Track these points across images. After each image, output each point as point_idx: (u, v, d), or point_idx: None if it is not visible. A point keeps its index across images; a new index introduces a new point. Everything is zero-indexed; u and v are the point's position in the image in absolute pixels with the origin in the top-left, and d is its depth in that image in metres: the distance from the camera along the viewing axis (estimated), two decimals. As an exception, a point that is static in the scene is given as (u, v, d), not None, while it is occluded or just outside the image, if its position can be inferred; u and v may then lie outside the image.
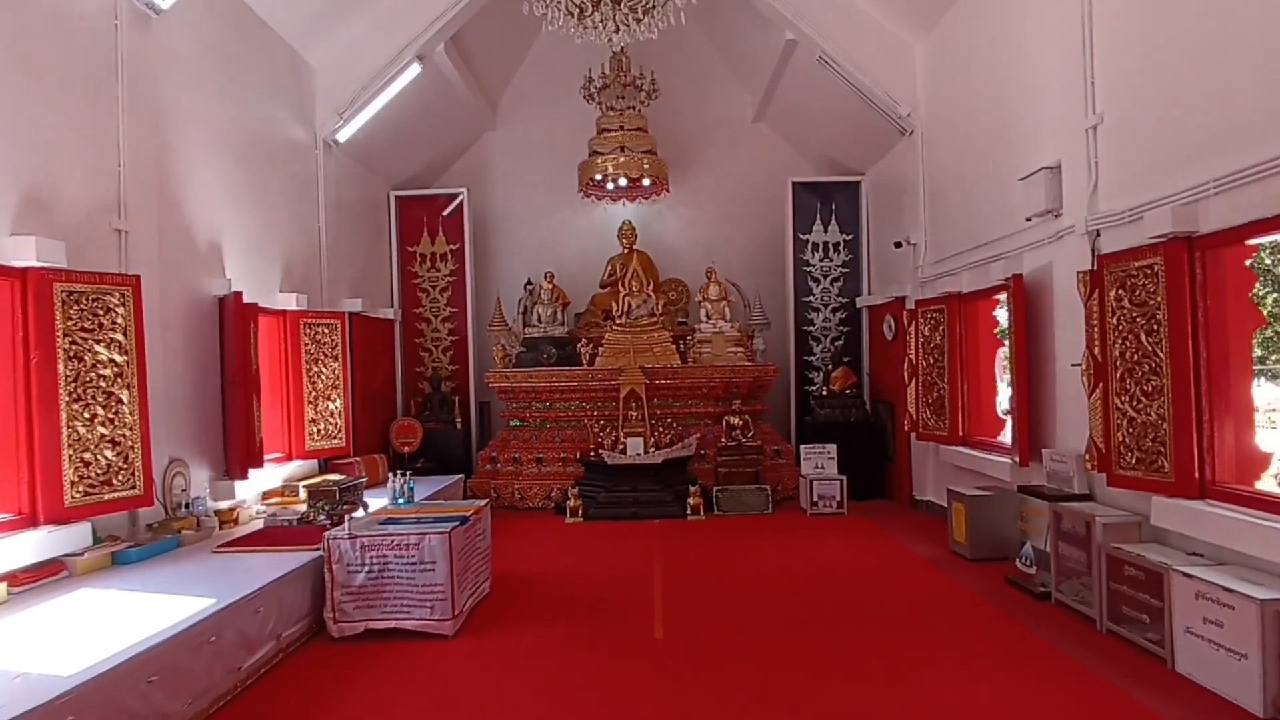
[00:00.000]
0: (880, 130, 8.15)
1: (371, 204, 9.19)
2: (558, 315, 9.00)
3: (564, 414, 8.60)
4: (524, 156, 10.41)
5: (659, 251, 10.12)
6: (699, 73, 10.38)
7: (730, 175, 10.39)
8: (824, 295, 9.54)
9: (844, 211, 9.54)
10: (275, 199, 6.81)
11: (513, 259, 10.30)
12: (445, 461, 8.68)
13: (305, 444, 6.77)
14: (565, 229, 10.41)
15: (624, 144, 9.14)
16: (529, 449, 8.49)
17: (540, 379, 8.47)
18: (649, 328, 8.72)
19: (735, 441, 7.94)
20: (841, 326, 9.50)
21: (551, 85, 10.28)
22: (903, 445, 8.13)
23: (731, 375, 8.44)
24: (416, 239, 9.67)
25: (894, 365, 8.30)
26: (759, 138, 10.40)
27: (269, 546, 4.56)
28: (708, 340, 8.78)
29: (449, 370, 9.58)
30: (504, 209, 10.41)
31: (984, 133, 6.31)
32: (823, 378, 9.23)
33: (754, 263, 10.09)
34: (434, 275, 9.65)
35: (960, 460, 6.62)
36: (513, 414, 8.78)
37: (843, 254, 9.54)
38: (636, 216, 10.05)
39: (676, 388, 8.47)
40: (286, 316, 6.73)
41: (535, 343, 8.79)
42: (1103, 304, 4.41)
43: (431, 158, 9.94)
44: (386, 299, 9.40)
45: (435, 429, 8.87)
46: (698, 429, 8.45)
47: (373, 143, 8.48)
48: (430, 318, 9.63)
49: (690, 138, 10.35)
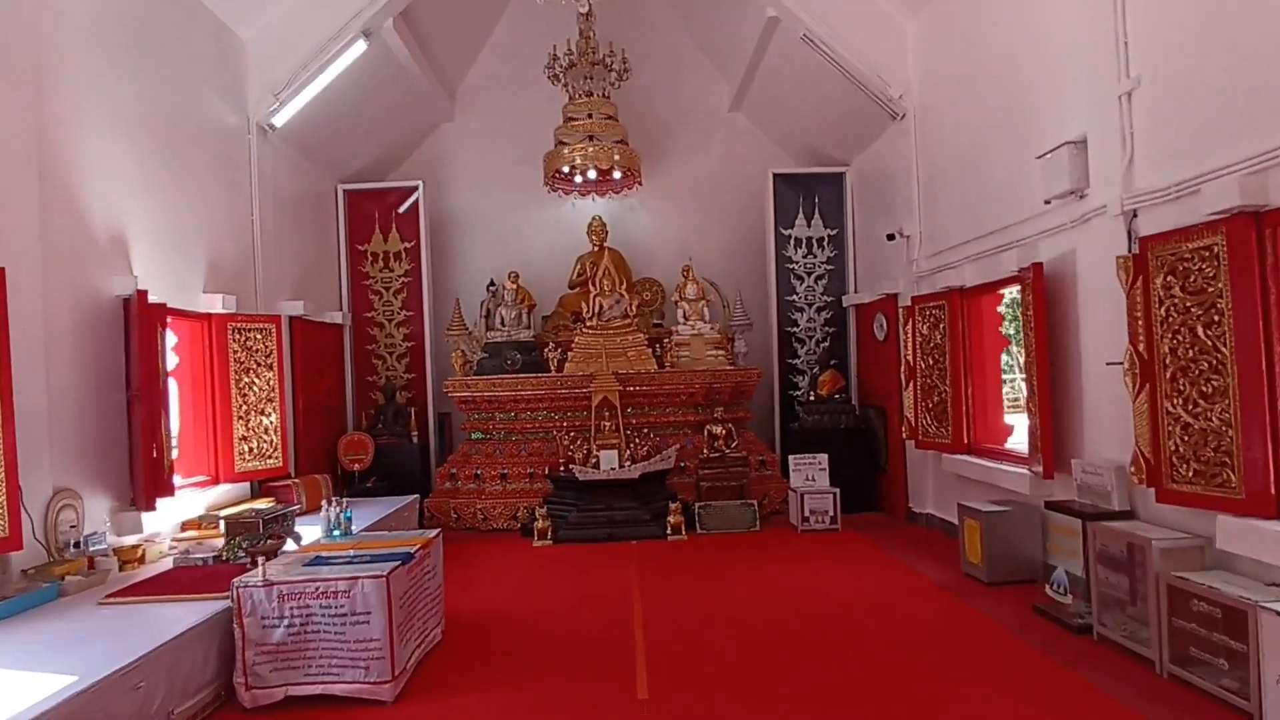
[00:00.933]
0: (867, 115, 7.59)
1: (317, 198, 8.38)
2: (523, 318, 8.28)
3: (530, 425, 7.87)
4: (485, 148, 9.68)
5: (631, 249, 9.45)
6: (672, 59, 9.76)
7: (706, 168, 9.76)
8: (808, 294, 8.95)
9: (828, 205, 8.97)
10: (199, 188, 6.00)
11: (474, 258, 9.54)
12: (400, 479, 7.89)
13: (234, 465, 5.96)
14: (530, 226, 9.70)
15: (593, 133, 8.47)
16: (492, 464, 7.74)
17: (504, 387, 7.74)
18: (622, 330, 8.04)
19: (718, 453, 7.28)
20: (827, 327, 8.92)
21: (514, 72, 9.57)
22: (897, 453, 7.55)
23: (712, 380, 7.79)
24: (368, 237, 8.87)
25: (886, 367, 7.72)
26: (736, 128, 9.80)
27: (168, 595, 3.77)
28: (686, 343, 8.12)
29: (405, 379, 8.79)
30: (464, 204, 9.66)
31: (989, 111, 5.75)
32: (809, 382, 8.63)
33: (733, 260, 9.47)
34: (387, 276, 8.86)
35: (967, 471, 6.04)
36: (474, 426, 8.03)
37: (827, 249, 8.96)
38: (607, 212, 9.37)
39: (653, 395, 7.79)
40: (212, 321, 5.92)
41: (498, 348, 8.05)
42: (1148, 293, 3.84)
43: (384, 149, 9.16)
44: (334, 302, 8.59)
45: (389, 444, 8.07)
46: (676, 439, 7.78)
47: (316, 130, 7.69)
48: (384, 322, 8.83)
49: (664, 128, 9.71)
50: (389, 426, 8.21)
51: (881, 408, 7.91)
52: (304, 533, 5.07)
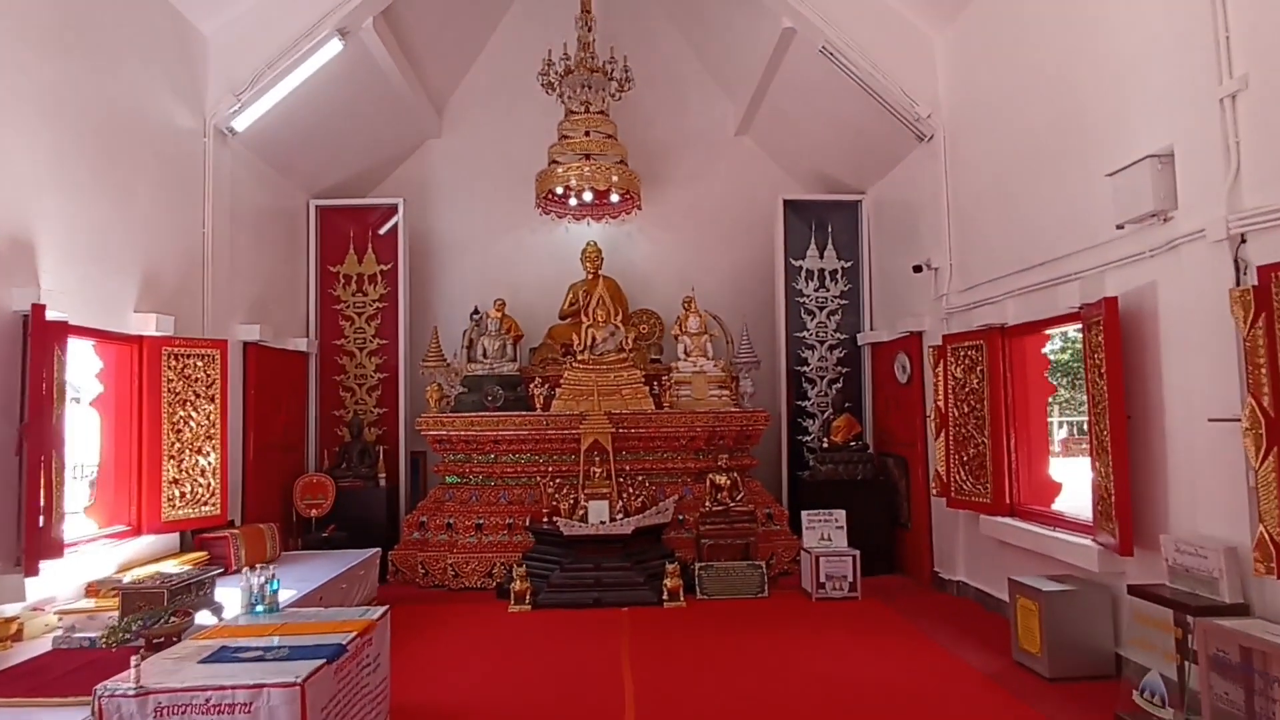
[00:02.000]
0: (889, 137, 6.95)
1: (285, 213, 7.65)
2: (507, 349, 7.51)
3: (511, 469, 7.04)
4: (474, 168, 9.00)
5: (628, 278, 8.74)
6: (676, 80, 9.16)
7: (710, 193, 9.10)
8: (819, 330, 8.23)
9: (841, 235, 8.30)
10: (136, 193, 5.25)
11: (457, 285, 8.79)
12: (363, 527, 7.02)
13: (161, 513, 5.11)
14: (520, 251, 8.98)
15: (590, 152, 7.81)
16: (467, 513, 6.89)
17: (483, 426, 6.92)
18: (617, 365, 7.28)
19: (721, 506, 6.47)
20: (840, 367, 8.17)
21: (507, 88, 8.94)
22: (920, 509, 6.75)
23: (715, 423, 7.01)
24: (341, 257, 8.12)
25: (909, 413, 6.97)
26: (743, 153, 9.17)
27: (22, 696, 2.91)
28: (686, 381, 7.36)
29: (375, 414, 7.97)
30: (449, 226, 8.95)
31: (1037, 129, 5.09)
32: (821, 427, 7.86)
33: (738, 293, 8.76)
34: (360, 300, 8.09)
35: (1011, 536, 5.24)
36: (449, 468, 7.19)
37: (840, 283, 8.27)
38: (603, 238, 8.68)
39: (650, 438, 6.99)
40: (143, 344, 5.13)
41: (479, 381, 7.26)
42: (1272, 334, 3.10)
43: (363, 165, 8.46)
44: (300, 327, 7.80)
45: (352, 487, 7.22)
46: (675, 489, 6.97)
47: (286, 139, 6.99)
48: (354, 350, 8.04)
49: (665, 151, 9.07)
50: (354, 467, 7.36)
51: (902, 457, 7.13)
52: (232, 598, 4.21)
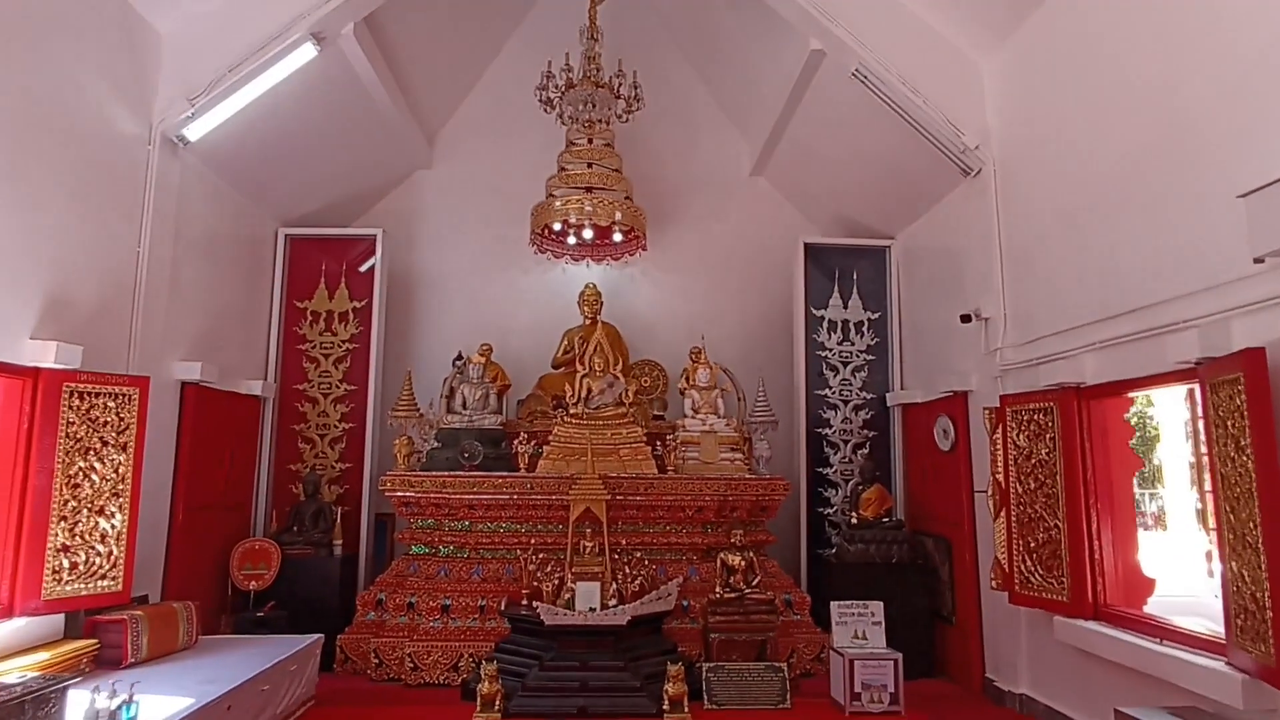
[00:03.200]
0: (926, 174, 6.21)
1: (249, 240, 6.83)
2: (490, 400, 6.58)
3: (487, 539, 6.03)
4: (465, 202, 8.24)
5: (631, 326, 7.89)
6: (686, 115, 8.51)
7: (722, 237, 8.33)
8: (843, 388, 7.34)
9: (868, 284, 7.49)
10: (50, 198, 4.41)
11: (441, 328, 7.92)
12: (312, 604, 5.96)
13: (42, 588, 4.09)
14: (512, 293, 8.15)
15: (592, 185, 7.07)
16: (433, 590, 5.84)
17: (456, 487, 5.94)
18: (615, 421, 6.34)
19: (735, 592, 5.43)
20: (866, 430, 7.25)
21: (506, 120, 8.27)
22: (968, 600, 5.73)
23: (728, 491, 6.03)
24: (309, 292, 7.27)
25: (950, 485, 6.01)
26: (758, 195, 8.44)
27: None
28: (694, 441, 6.41)
29: (337, 470, 6.99)
30: (434, 264, 8.13)
31: (1127, 152, 4.31)
32: (847, 498, 6.88)
33: (752, 345, 7.90)
34: (328, 340, 7.20)
35: (1098, 646, 4.23)
36: (414, 537, 6.17)
37: (867, 336, 7.41)
38: (604, 281, 7.87)
39: (651, 507, 6.01)
40: (39, 377, 4.21)
41: (455, 435, 6.30)
42: None
43: (344, 192, 7.69)
44: (257, 367, 6.89)
45: (301, 555, 6.18)
46: (678, 568, 5.95)
47: (253, 157, 6.24)
48: (318, 396, 7.11)
49: (673, 191, 8.34)
50: (305, 532, 6.34)
51: (943, 538, 6.13)
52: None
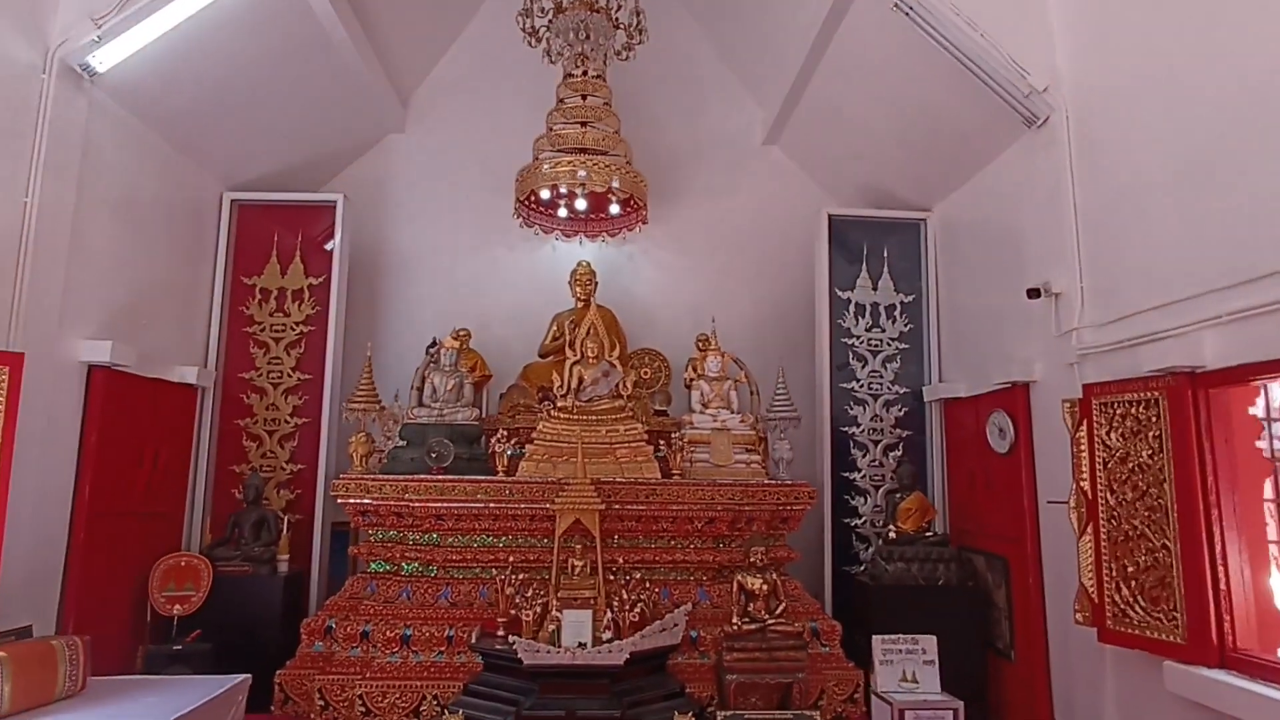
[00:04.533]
0: (977, 129, 5.31)
1: (186, 204, 5.87)
2: (464, 391, 5.61)
3: (458, 556, 5.05)
4: (443, 170, 7.31)
5: (629, 311, 6.95)
6: (692, 78, 7.59)
7: (731, 213, 7.41)
8: (873, 381, 6.41)
9: (900, 262, 6.57)
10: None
11: (414, 312, 6.96)
12: (247, 633, 4.99)
13: None
14: (495, 273, 7.21)
15: (585, 147, 6.16)
16: (391, 617, 4.87)
17: (421, 493, 4.98)
18: (611, 415, 5.40)
19: (756, 623, 4.48)
20: (899, 429, 6.31)
21: (489, 80, 7.36)
22: (1032, 633, 4.79)
23: (744, 499, 5.09)
24: (259, 266, 6.31)
25: (1008, 494, 5.08)
26: (771, 166, 7.52)
27: None
28: (704, 440, 5.46)
29: (288, 472, 6.02)
30: (408, 239, 7.19)
31: (1251, 84, 3.39)
32: (879, 508, 5.96)
33: (766, 333, 6.97)
34: (280, 322, 6.24)
35: (1231, 702, 3.28)
36: (374, 551, 5.20)
37: (899, 322, 6.49)
38: (599, 260, 6.93)
39: (653, 518, 5.06)
40: None
41: (421, 432, 5.34)
42: None
43: (303, 155, 6.73)
44: (194, 351, 5.92)
45: (237, 573, 5.20)
46: (686, 591, 5.01)
47: (191, 107, 5.30)
48: (266, 387, 6.14)
49: (677, 162, 7.42)
50: (244, 545, 5.36)
51: (999, 556, 5.20)
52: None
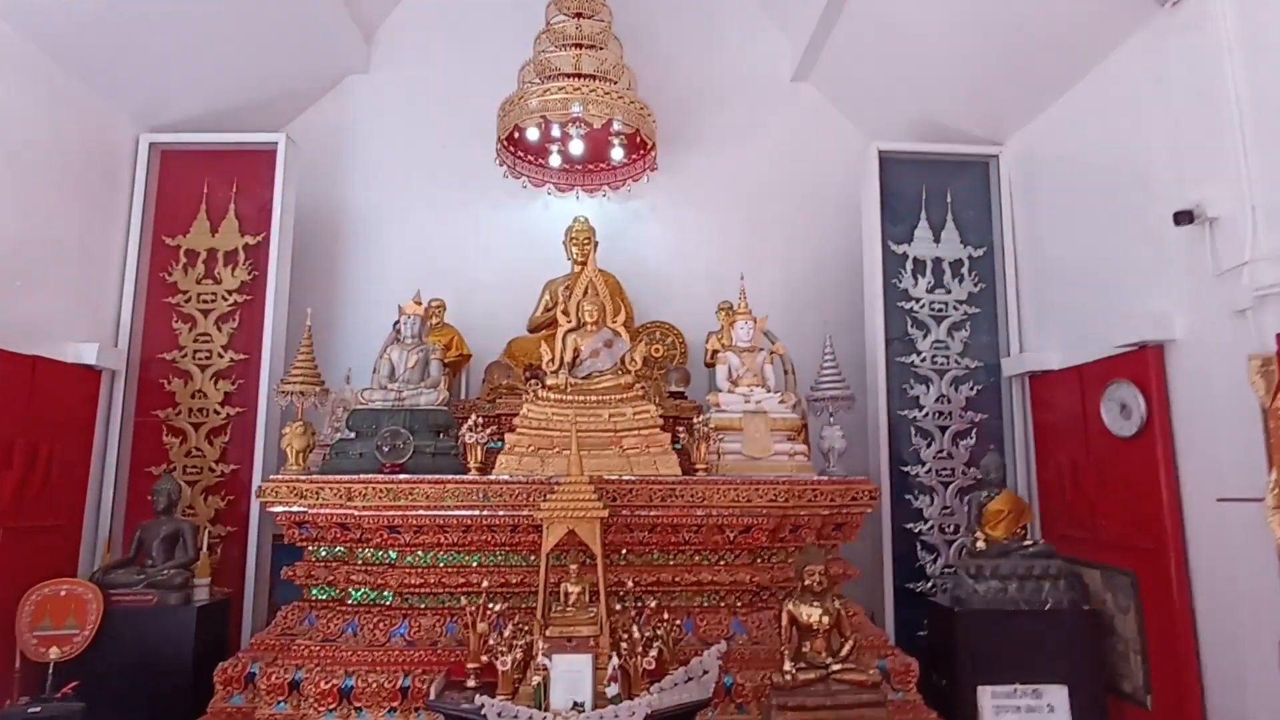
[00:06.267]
0: (1080, 24, 4.14)
1: (89, 146, 4.75)
2: (430, 369, 4.43)
3: (418, 580, 3.85)
4: (413, 117, 6.16)
5: (636, 280, 5.78)
6: (708, 7, 6.45)
7: (756, 161, 6.24)
8: (937, 354, 5.23)
9: (966, 209, 5.40)
10: None
11: (379, 284, 5.77)
12: (147, 684, 3.83)
13: None
14: (477, 235, 6.07)
15: (581, 72, 5.03)
16: (331, 661, 3.69)
17: (371, 498, 3.81)
18: (615, 396, 4.23)
19: (816, 669, 3.28)
20: (970, 411, 5.13)
21: (469, 10, 6.26)
22: (1179, 672, 3.60)
23: (789, 500, 3.91)
24: (185, 224, 5.18)
25: (1131, 489, 3.90)
26: (803, 105, 6.35)
27: None
28: (734, 427, 4.27)
29: (218, 474, 4.88)
30: (371, 197, 6.05)
31: None
32: (953, 510, 4.77)
33: (801, 301, 5.80)
34: (209, 291, 5.10)
35: None
36: (311, 574, 4.04)
37: (968, 281, 5.31)
38: (600, 219, 5.78)
39: (673, 527, 3.87)
40: None
41: (375, 419, 4.16)
42: None
43: (245, 95, 5.58)
44: (100, 326, 4.78)
45: (137, 604, 4.02)
46: (714, 624, 3.82)
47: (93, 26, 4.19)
48: (192, 370, 5.00)
49: (690, 102, 6.25)
50: (152, 568, 4.19)
51: (1122, 570, 4.00)
52: None
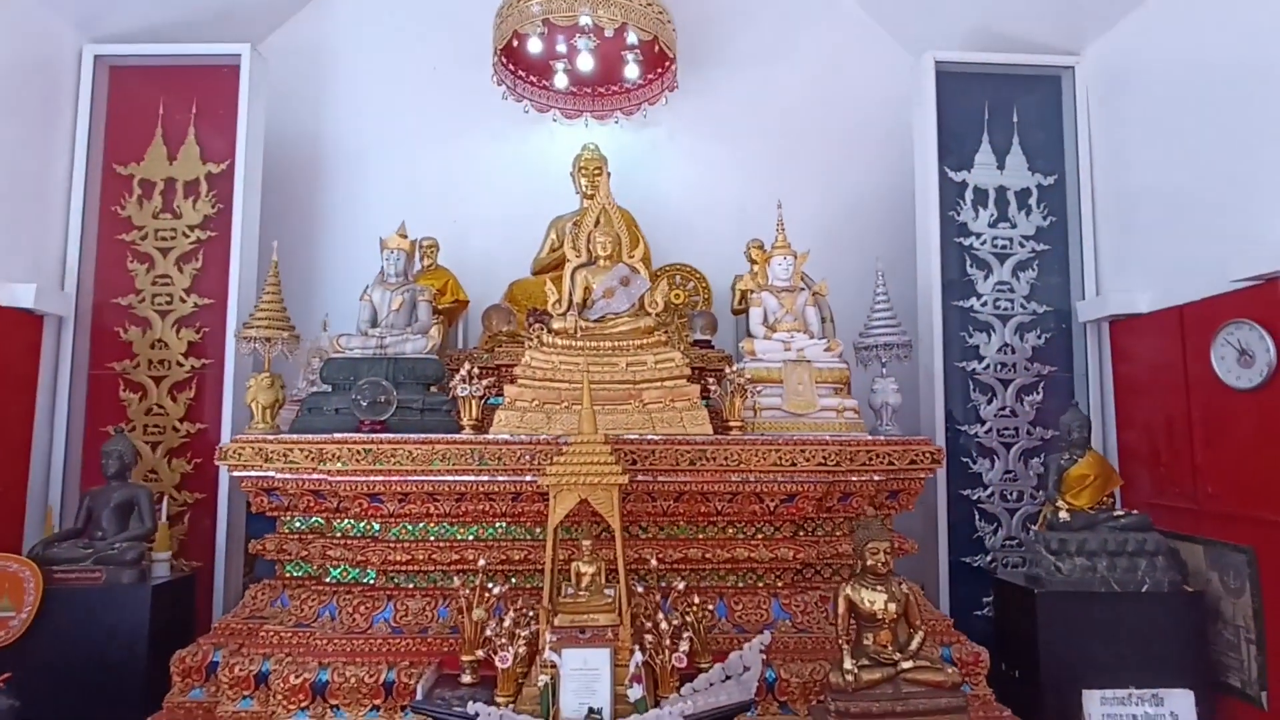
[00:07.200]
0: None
1: (26, 61, 4.10)
2: (417, 313, 3.81)
3: (405, 556, 3.28)
4: (401, 34, 5.47)
5: (653, 218, 5.14)
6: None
7: (789, 82, 5.53)
8: (1000, 297, 4.57)
9: (1037, 130, 4.69)
10: None
11: (364, 222, 5.07)
12: (93, 675, 3.32)
13: None
14: (473, 168, 5.41)
15: (589, -29, 4.32)
16: (303, 648, 3.14)
17: (347, 460, 3.21)
18: (633, 341, 3.60)
19: (881, 665, 2.71)
20: (1038, 363, 4.49)
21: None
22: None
23: (840, 462, 3.30)
24: (139, 151, 4.54)
25: (1249, 450, 3.28)
26: (840, 18, 5.60)
27: None
28: (772, 378, 3.65)
29: (183, 433, 4.31)
30: (356, 125, 5.40)
31: None
32: (1017, 475, 4.16)
33: (842, 241, 5.12)
34: (168, 226, 4.48)
35: None
36: (282, 549, 3.48)
37: (1037, 214, 4.62)
38: (613, 149, 5.12)
39: (703, 494, 3.27)
40: None
41: (353, 369, 3.56)
42: None
43: (206, 5, 4.91)
44: (45, 268, 4.19)
45: (83, 582, 3.48)
46: (753, 604, 3.25)
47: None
48: (152, 316, 4.41)
49: (712, 18, 5.53)
50: (101, 541, 3.64)
51: (1237, 547, 3.39)
52: None
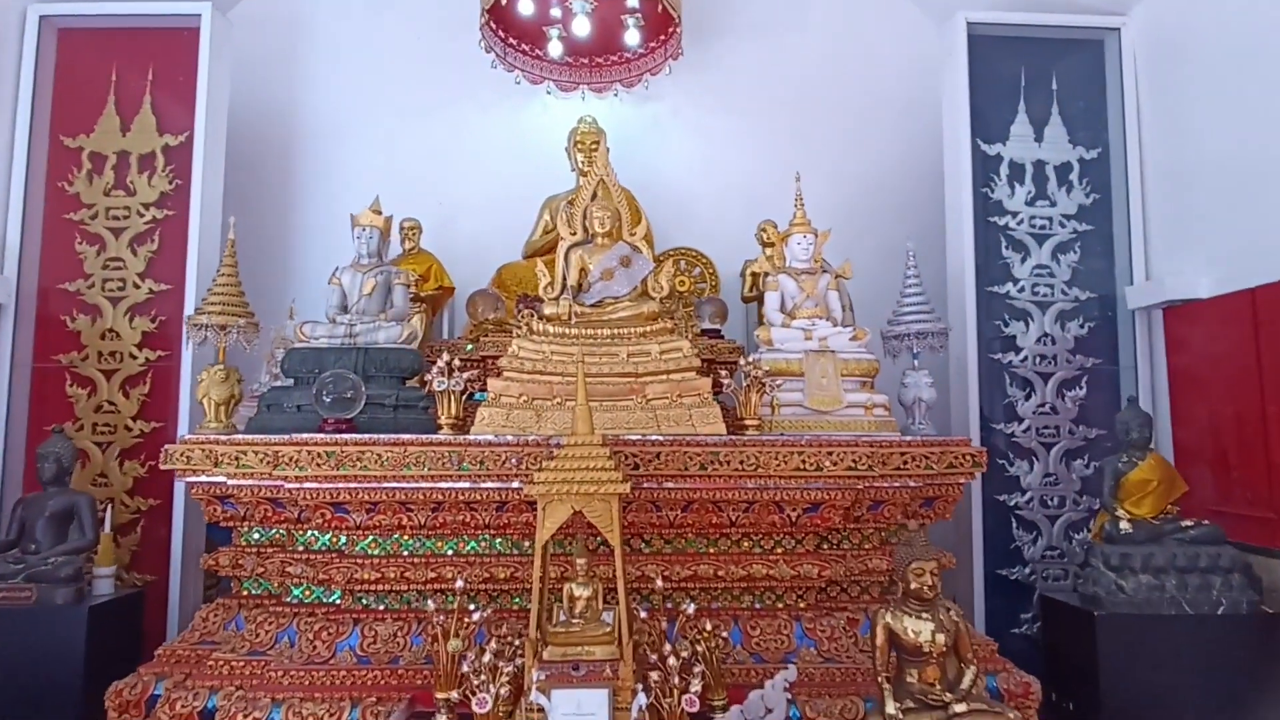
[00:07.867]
0: None
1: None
2: (394, 299, 3.39)
3: (374, 574, 2.85)
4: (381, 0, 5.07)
5: (655, 199, 4.74)
6: None
7: (803, 51, 5.12)
8: (1039, 282, 4.15)
9: (1077, 99, 4.26)
10: None
11: (339, 201, 4.60)
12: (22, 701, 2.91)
13: None
14: (460, 144, 5.01)
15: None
16: (255, 680, 2.73)
17: (306, 464, 2.81)
18: (636, 329, 3.19)
19: (930, 709, 2.31)
20: (1080, 354, 4.07)
21: None
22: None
23: (871, 466, 2.88)
24: (89, 122, 4.12)
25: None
26: (858, -15, 5.22)
27: None
28: (792, 370, 3.23)
29: (135, 433, 3.90)
30: (332, 97, 4.99)
31: None
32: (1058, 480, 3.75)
33: (861, 221, 4.70)
34: (120, 205, 4.06)
35: None
36: (237, 564, 3.07)
37: (1079, 190, 4.20)
38: (611, 125, 4.72)
39: (714, 504, 2.85)
40: None
41: (317, 360, 3.15)
42: None
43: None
44: (-24, 249, 3.79)
45: (11, 602, 3.05)
46: (771, 628, 2.83)
47: None
48: (103, 303, 3.99)
49: (721, -14, 5.13)
50: (33, 556, 3.22)
51: (1318, 560, 2.99)
52: None
